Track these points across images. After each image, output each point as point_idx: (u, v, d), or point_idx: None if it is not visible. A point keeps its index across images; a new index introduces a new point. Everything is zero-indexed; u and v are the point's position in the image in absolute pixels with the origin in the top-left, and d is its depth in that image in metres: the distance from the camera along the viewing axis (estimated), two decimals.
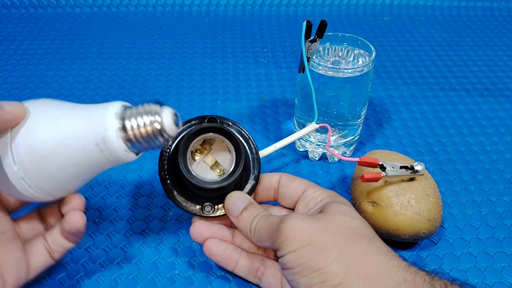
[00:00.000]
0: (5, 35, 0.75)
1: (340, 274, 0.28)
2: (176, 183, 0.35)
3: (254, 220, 0.33)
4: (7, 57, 0.69)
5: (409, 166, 0.37)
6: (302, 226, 0.30)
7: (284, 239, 0.30)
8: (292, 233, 0.30)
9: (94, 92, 0.60)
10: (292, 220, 0.30)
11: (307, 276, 0.28)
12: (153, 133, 0.27)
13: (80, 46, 0.72)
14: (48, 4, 0.83)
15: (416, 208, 0.36)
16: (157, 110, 0.27)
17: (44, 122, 0.27)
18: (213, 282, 0.37)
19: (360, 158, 0.37)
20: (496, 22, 0.84)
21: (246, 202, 0.34)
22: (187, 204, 0.35)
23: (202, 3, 0.86)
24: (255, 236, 0.33)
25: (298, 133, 0.44)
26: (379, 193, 0.38)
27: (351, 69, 0.42)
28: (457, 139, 0.53)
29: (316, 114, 0.42)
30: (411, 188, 0.37)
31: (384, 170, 0.37)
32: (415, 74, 0.67)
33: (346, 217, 0.31)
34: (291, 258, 0.29)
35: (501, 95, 0.62)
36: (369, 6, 0.88)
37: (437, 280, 0.28)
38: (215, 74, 0.66)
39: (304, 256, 0.29)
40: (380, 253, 0.29)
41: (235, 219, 0.34)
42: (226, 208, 0.35)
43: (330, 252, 0.29)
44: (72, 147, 0.27)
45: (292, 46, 0.74)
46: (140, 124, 0.27)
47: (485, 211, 0.44)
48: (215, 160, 0.36)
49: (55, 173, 0.28)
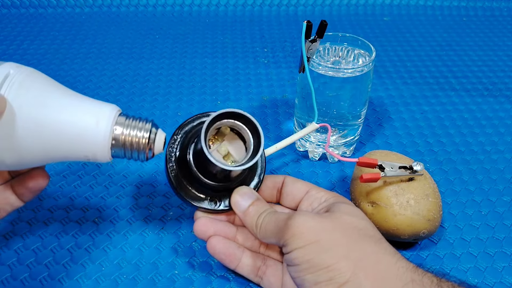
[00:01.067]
0: (5, 35, 0.75)
1: (348, 272, 0.28)
2: (184, 175, 0.35)
3: (261, 216, 0.33)
4: (7, 57, 0.69)
5: (408, 166, 0.37)
6: (310, 223, 0.30)
7: (292, 235, 0.30)
8: (300, 229, 0.30)
9: (94, 92, 0.60)
10: (301, 217, 0.30)
11: (314, 273, 0.28)
12: (142, 146, 0.30)
13: (80, 46, 0.72)
14: (48, 4, 0.83)
15: (415, 208, 0.36)
16: (152, 129, 0.31)
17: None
18: (213, 282, 0.37)
19: (359, 159, 0.37)
20: (496, 22, 0.84)
21: (254, 197, 0.34)
22: (196, 193, 0.35)
23: (202, 3, 0.86)
24: (260, 232, 0.33)
25: (299, 133, 0.44)
26: (378, 193, 0.38)
27: (351, 69, 0.42)
28: (457, 139, 0.53)
29: (316, 114, 0.42)
30: (410, 188, 0.37)
31: (383, 171, 0.37)
32: (415, 74, 0.67)
33: (353, 217, 0.31)
34: (298, 255, 0.29)
35: (501, 95, 0.62)
36: (369, 6, 0.88)
37: (444, 282, 0.28)
38: (215, 74, 0.66)
39: (311, 253, 0.29)
40: (388, 254, 0.29)
41: (242, 213, 0.34)
42: (233, 202, 0.34)
43: (338, 250, 0.29)
44: (57, 140, 0.28)
45: (292, 46, 0.74)
46: (133, 134, 0.30)
47: (485, 211, 0.44)
48: (227, 150, 0.36)
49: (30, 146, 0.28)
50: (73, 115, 0.28)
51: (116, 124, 0.29)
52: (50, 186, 0.46)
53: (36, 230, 0.41)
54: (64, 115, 0.28)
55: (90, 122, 0.28)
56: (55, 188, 0.45)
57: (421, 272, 0.28)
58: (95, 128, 0.28)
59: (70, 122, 0.28)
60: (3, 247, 0.40)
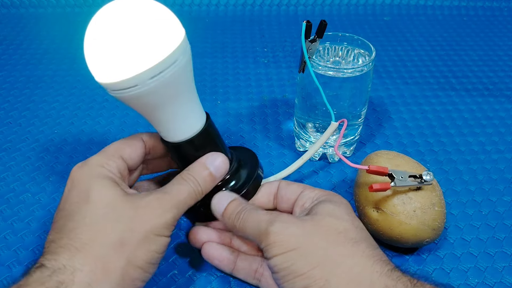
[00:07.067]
0: (5, 35, 0.75)
1: (321, 280, 0.28)
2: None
3: (240, 213, 0.32)
4: (7, 57, 0.69)
5: (418, 176, 0.37)
6: (290, 230, 0.30)
7: (272, 242, 0.29)
8: (280, 237, 0.29)
9: (94, 92, 0.60)
10: (281, 224, 0.30)
11: (290, 281, 0.28)
12: None
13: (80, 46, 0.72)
14: (48, 4, 0.83)
15: (421, 218, 0.35)
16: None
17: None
18: (213, 282, 0.37)
19: (369, 166, 0.36)
20: (496, 22, 0.84)
21: (231, 198, 0.34)
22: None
23: (202, 3, 0.86)
24: (240, 230, 0.32)
25: (323, 137, 0.42)
26: (385, 200, 0.37)
27: (351, 69, 0.42)
28: (457, 139, 0.53)
29: (332, 113, 0.41)
30: (418, 197, 0.36)
31: (392, 180, 0.36)
32: (416, 74, 0.67)
33: (335, 219, 0.31)
34: (276, 262, 0.29)
35: (502, 95, 0.62)
36: (369, 6, 0.87)
37: (419, 285, 0.28)
38: (215, 74, 0.66)
39: (289, 261, 0.29)
40: (365, 256, 0.29)
41: (220, 216, 0.34)
42: (212, 208, 0.34)
43: (314, 256, 0.29)
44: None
45: (292, 46, 0.74)
46: None
47: (485, 211, 0.44)
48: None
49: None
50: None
51: None
52: (49, 186, 0.46)
53: (36, 230, 0.41)
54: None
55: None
56: (54, 188, 0.45)
57: (396, 276, 0.28)
58: None
59: None
60: (3, 248, 0.40)
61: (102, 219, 0.28)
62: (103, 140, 0.52)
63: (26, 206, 0.43)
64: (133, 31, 0.28)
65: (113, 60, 0.28)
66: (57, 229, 0.28)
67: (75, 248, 0.27)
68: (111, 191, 0.29)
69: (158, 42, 0.28)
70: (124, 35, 0.28)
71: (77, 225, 0.28)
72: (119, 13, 0.28)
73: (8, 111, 0.57)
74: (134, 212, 0.29)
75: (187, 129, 0.33)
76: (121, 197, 0.29)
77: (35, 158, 0.49)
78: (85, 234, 0.27)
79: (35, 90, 0.61)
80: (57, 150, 0.51)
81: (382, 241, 0.38)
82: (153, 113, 0.32)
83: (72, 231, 0.27)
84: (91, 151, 0.50)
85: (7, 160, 0.49)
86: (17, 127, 0.54)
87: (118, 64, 0.28)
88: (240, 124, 0.55)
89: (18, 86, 0.62)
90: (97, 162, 0.31)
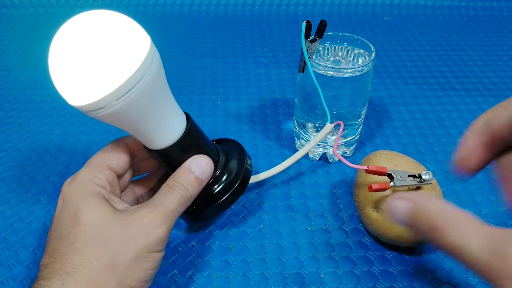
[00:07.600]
0: (5, 35, 0.75)
1: None
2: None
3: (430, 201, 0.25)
4: (7, 57, 0.69)
5: (417, 175, 0.37)
6: None
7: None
8: None
9: None
10: None
11: None
12: None
13: None
14: (48, 4, 0.83)
15: None
16: None
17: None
18: (213, 282, 0.37)
19: (368, 166, 0.36)
20: (496, 22, 0.84)
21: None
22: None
23: (202, 3, 0.86)
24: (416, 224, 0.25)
25: (317, 138, 0.42)
26: (385, 200, 0.37)
27: (351, 69, 0.42)
28: (457, 139, 0.53)
29: (328, 114, 0.41)
30: None
31: (392, 180, 0.36)
32: (416, 74, 0.67)
33: None
34: None
35: (502, 95, 0.62)
36: (369, 6, 0.87)
37: None
38: (215, 74, 0.66)
39: None
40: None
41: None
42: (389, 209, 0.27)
43: None
44: None
45: (292, 46, 0.74)
46: None
47: (485, 211, 0.44)
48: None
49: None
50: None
51: None
52: (49, 186, 0.46)
53: (36, 230, 0.41)
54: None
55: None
56: (54, 188, 0.45)
57: None
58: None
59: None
60: (3, 248, 0.40)
61: (91, 243, 0.28)
62: (103, 140, 0.52)
63: (26, 206, 0.44)
64: (92, 53, 0.26)
65: (74, 85, 0.27)
66: (50, 252, 0.28)
67: (66, 273, 0.27)
68: (101, 210, 0.29)
69: (120, 61, 0.26)
70: (83, 58, 0.26)
71: (68, 250, 0.28)
72: (77, 33, 0.27)
73: (8, 111, 0.57)
74: (124, 231, 0.28)
75: (168, 136, 0.32)
76: (111, 215, 0.29)
77: (35, 158, 0.49)
78: (76, 259, 0.27)
79: (35, 90, 0.61)
80: (57, 150, 0.51)
81: (382, 241, 0.38)
82: (131, 126, 0.31)
83: (63, 256, 0.27)
84: (91, 151, 0.50)
85: (7, 160, 0.49)
86: (17, 127, 0.54)
87: (80, 88, 0.27)
88: (240, 124, 0.55)
89: (18, 86, 0.62)
90: (86, 177, 0.31)
